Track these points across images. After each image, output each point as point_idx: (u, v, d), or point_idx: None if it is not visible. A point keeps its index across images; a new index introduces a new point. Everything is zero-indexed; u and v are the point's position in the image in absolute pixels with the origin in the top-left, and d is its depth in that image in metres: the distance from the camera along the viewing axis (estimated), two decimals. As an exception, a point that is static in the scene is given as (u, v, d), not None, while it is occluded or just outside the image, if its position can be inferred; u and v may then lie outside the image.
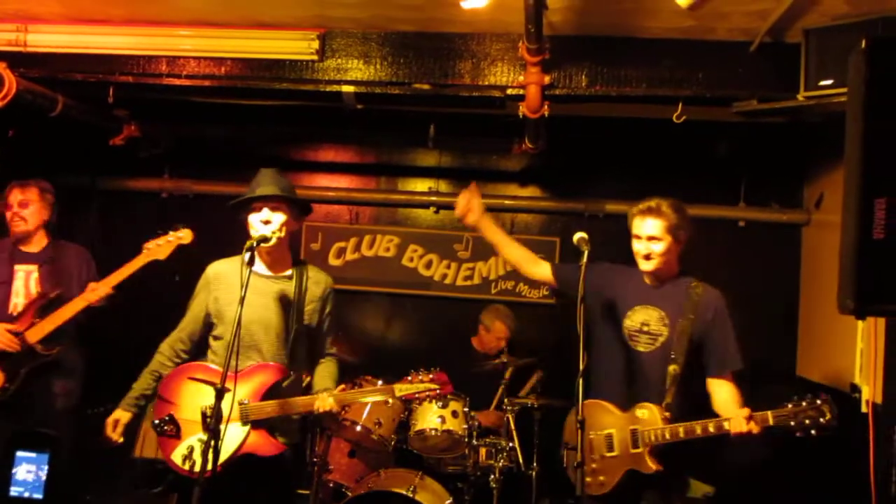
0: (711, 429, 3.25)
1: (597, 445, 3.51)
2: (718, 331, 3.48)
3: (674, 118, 4.25)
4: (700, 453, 3.47)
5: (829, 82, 3.87)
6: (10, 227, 4.51)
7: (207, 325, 3.61)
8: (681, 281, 3.55)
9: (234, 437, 3.32)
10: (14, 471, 1.90)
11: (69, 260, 4.59)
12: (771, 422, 3.18)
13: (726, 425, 3.22)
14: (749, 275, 5.81)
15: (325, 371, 3.69)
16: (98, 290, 4.20)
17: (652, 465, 3.36)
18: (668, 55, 4.20)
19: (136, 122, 5.51)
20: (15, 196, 4.49)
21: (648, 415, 3.40)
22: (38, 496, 1.78)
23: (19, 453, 1.75)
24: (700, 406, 3.52)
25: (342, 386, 3.54)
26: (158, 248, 4.15)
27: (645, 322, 3.51)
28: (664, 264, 3.48)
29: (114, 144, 5.49)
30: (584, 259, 3.28)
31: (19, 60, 4.41)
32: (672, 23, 4.02)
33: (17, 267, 4.49)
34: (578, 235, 3.36)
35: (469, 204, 3.75)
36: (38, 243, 4.56)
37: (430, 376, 3.43)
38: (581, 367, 3.09)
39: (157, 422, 3.43)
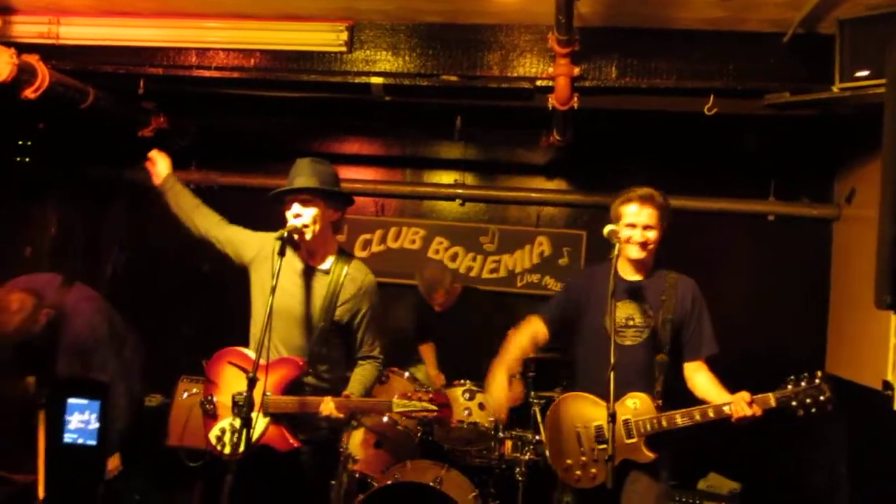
0: (711, 414, 3.26)
1: (585, 438, 3.50)
2: (697, 317, 3.52)
3: (705, 110, 4.20)
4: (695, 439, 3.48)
5: (864, 73, 3.82)
6: None
7: (220, 250, 3.64)
8: (657, 272, 3.58)
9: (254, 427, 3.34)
10: (67, 418, 1.93)
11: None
12: (773, 403, 3.19)
13: (727, 409, 3.23)
14: (778, 270, 5.77)
15: (358, 374, 3.55)
16: None
17: (648, 454, 3.38)
18: (699, 47, 4.15)
19: (164, 113, 5.53)
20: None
21: (640, 404, 3.41)
22: (92, 443, 1.81)
23: (71, 401, 1.77)
24: (674, 391, 3.55)
25: (347, 392, 3.41)
26: None
27: (629, 316, 3.52)
28: (652, 253, 3.52)
29: (142, 136, 5.52)
30: (616, 252, 3.26)
31: (52, 53, 4.44)
32: (703, 14, 3.98)
33: None
34: (609, 228, 3.35)
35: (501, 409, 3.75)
36: None
37: (430, 396, 3.41)
38: (612, 360, 3.07)
39: (202, 400, 3.51)
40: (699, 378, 3.48)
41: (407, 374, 4.94)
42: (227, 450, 3.35)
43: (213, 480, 5.15)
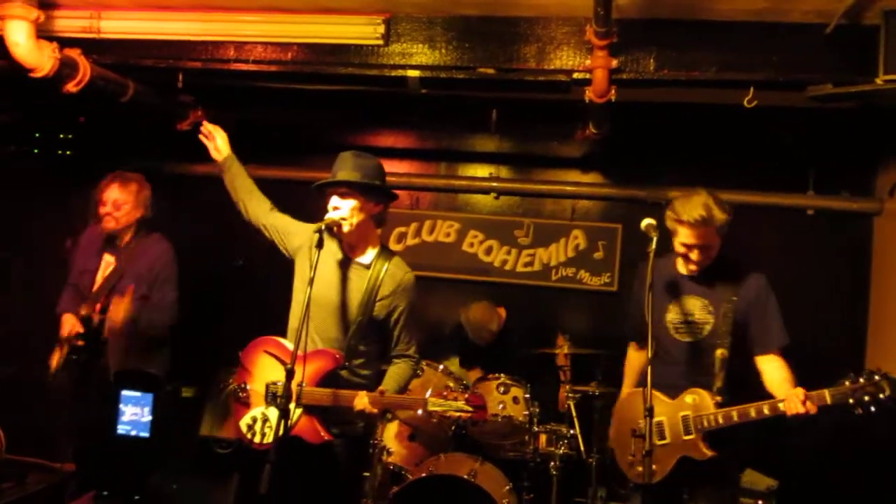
0: (766, 411, 3.21)
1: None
2: (762, 309, 3.46)
3: (745, 103, 4.14)
4: (757, 440, 3.43)
5: (909, 66, 3.75)
6: (101, 221, 4.63)
7: (268, 237, 3.73)
8: (719, 264, 3.49)
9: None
10: (122, 409, 1.97)
11: (144, 258, 4.64)
12: (828, 400, 3.12)
13: (781, 406, 3.17)
14: (817, 264, 5.69)
15: (393, 372, 3.55)
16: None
17: (706, 452, 3.34)
18: (740, 38, 4.08)
19: (201, 107, 5.58)
20: (111, 193, 4.56)
21: (699, 400, 3.38)
22: (145, 434, 1.84)
23: (125, 392, 1.80)
24: (743, 385, 3.50)
25: (381, 388, 3.40)
26: None
27: (688, 313, 3.49)
28: (711, 260, 3.44)
29: (180, 129, 5.57)
30: (653, 245, 3.24)
31: (93, 47, 4.49)
32: (744, 4, 3.92)
33: (104, 256, 4.65)
34: (647, 222, 3.32)
35: None
36: (125, 236, 4.66)
37: (466, 396, 3.39)
38: (649, 354, 3.05)
39: (235, 387, 3.55)
40: (768, 372, 3.42)
41: (441, 366, 4.95)
42: (258, 438, 3.37)
43: (249, 470, 5.24)
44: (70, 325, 4.46)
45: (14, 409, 5.05)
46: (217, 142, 3.96)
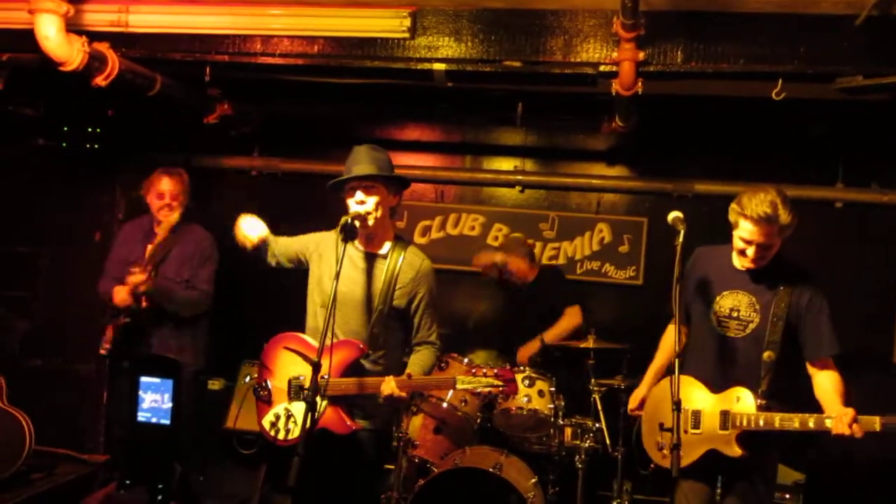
0: (812, 424, 3.16)
1: (681, 420, 3.46)
2: (814, 315, 3.37)
3: (773, 95, 4.10)
4: (787, 436, 3.40)
5: (942, 57, 3.70)
6: (157, 216, 4.81)
7: (293, 262, 3.73)
8: (774, 265, 3.41)
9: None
10: (141, 396, 1.98)
11: (186, 245, 4.85)
12: (878, 428, 3.07)
13: (828, 423, 3.12)
14: (845, 258, 5.63)
15: (416, 358, 3.59)
16: (133, 276, 4.49)
17: (737, 450, 3.30)
18: (768, 30, 4.04)
19: (228, 100, 5.61)
20: (165, 185, 4.79)
21: (742, 399, 3.33)
22: (166, 422, 1.85)
23: (144, 379, 1.80)
24: (791, 394, 3.46)
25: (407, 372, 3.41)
26: None
27: (734, 308, 3.44)
28: (767, 261, 3.38)
29: (207, 123, 5.60)
30: (681, 239, 3.21)
31: (121, 41, 4.51)
32: (773, -4, 3.90)
33: (149, 246, 4.76)
34: (674, 215, 3.29)
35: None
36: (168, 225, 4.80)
37: (495, 371, 3.36)
38: (677, 348, 3.04)
39: (256, 386, 3.57)
40: (818, 380, 3.37)
41: (466, 359, 4.94)
42: (282, 435, 3.40)
43: (276, 462, 5.28)
44: (121, 295, 4.54)
45: (42, 400, 5.14)
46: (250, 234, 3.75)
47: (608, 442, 4.87)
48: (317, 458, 3.23)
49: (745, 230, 3.28)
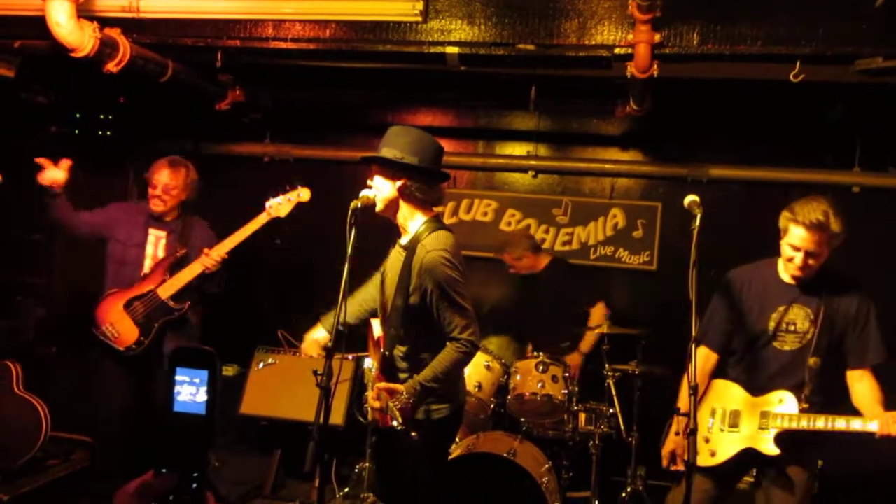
0: (857, 426, 3.18)
1: (719, 417, 3.47)
2: (862, 323, 3.40)
3: (791, 77, 4.04)
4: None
5: (964, 37, 3.64)
6: (149, 202, 4.78)
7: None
8: (821, 274, 3.41)
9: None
10: (177, 389, 1.97)
11: (195, 232, 4.83)
12: None
13: (872, 427, 3.15)
14: (863, 244, 5.52)
15: (434, 359, 3.24)
16: (212, 255, 4.40)
17: (773, 450, 3.32)
18: (786, 11, 3.97)
19: (240, 86, 5.58)
20: (161, 177, 4.73)
21: (785, 401, 3.37)
22: (201, 413, 1.85)
23: (179, 370, 1.80)
24: (835, 398, 3.47)
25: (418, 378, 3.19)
26: (279, 207, 4.39)
27: (791, 322, 3.44)
28: (813, 271, 3.37)
29: (219, 109, 5.58)
30: (697, 223, 3.17)
31: (132, 27, 4.49)
32: (791, -23, 3.83)
33: (150, 231, 4.78)
34: (690, 199, 3.26)
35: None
36: (170, 215, 4.82)
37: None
38: (693, 333, 3.01)
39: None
40: (858, 389, 3.38)
41: (480, 345, 4.92)
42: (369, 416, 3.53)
43: (291, 447, 5.30)
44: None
45: (57, 387, 5.15)
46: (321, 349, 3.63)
47: (622, 427, 4.86)
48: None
49: (795, 237, 3.29)
